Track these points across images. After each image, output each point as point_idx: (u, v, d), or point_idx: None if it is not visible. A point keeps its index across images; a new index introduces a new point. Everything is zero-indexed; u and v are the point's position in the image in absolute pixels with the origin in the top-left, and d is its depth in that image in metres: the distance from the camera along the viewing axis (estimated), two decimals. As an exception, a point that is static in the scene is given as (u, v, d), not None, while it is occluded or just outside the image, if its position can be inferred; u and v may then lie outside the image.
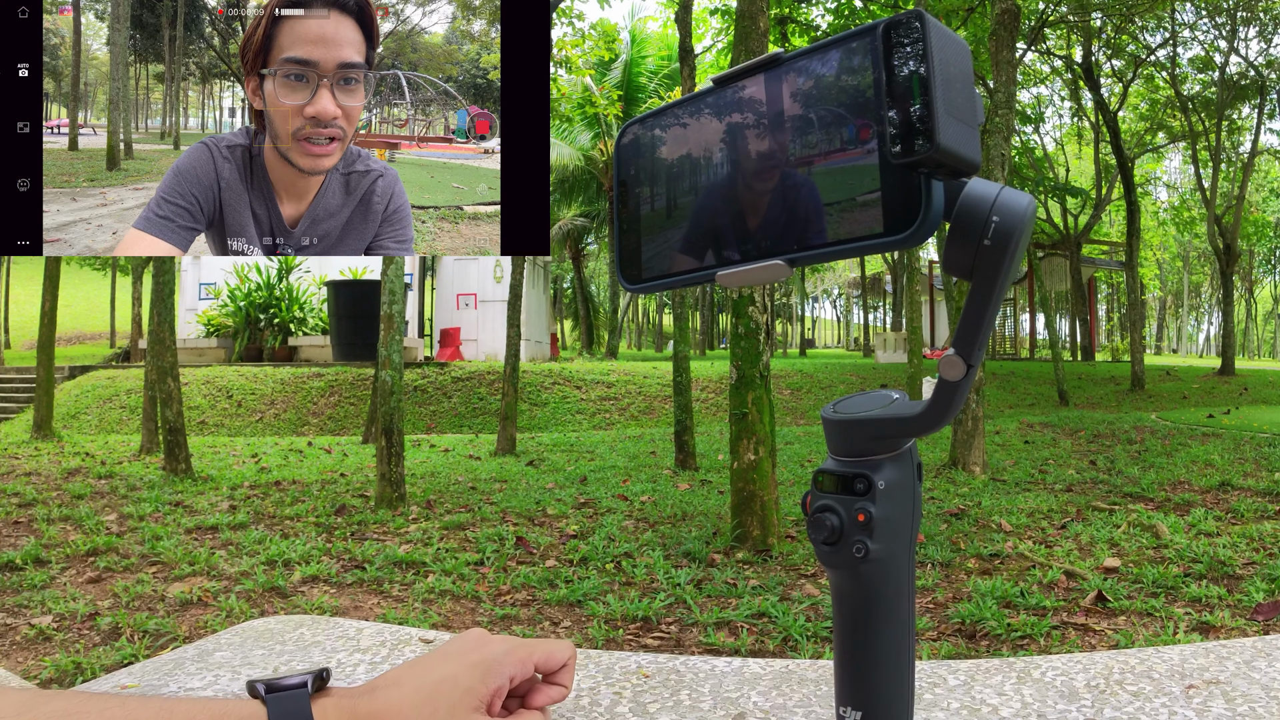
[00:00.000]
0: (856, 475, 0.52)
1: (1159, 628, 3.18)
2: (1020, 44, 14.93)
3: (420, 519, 5.38)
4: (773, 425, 4.74)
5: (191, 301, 17.59)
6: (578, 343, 31.90)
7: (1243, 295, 51.28)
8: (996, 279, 0.45)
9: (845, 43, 0.45)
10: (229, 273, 16.60)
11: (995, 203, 0.45)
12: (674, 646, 3.27)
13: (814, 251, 0.47)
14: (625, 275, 0.57)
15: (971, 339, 0.47)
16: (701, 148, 0.52)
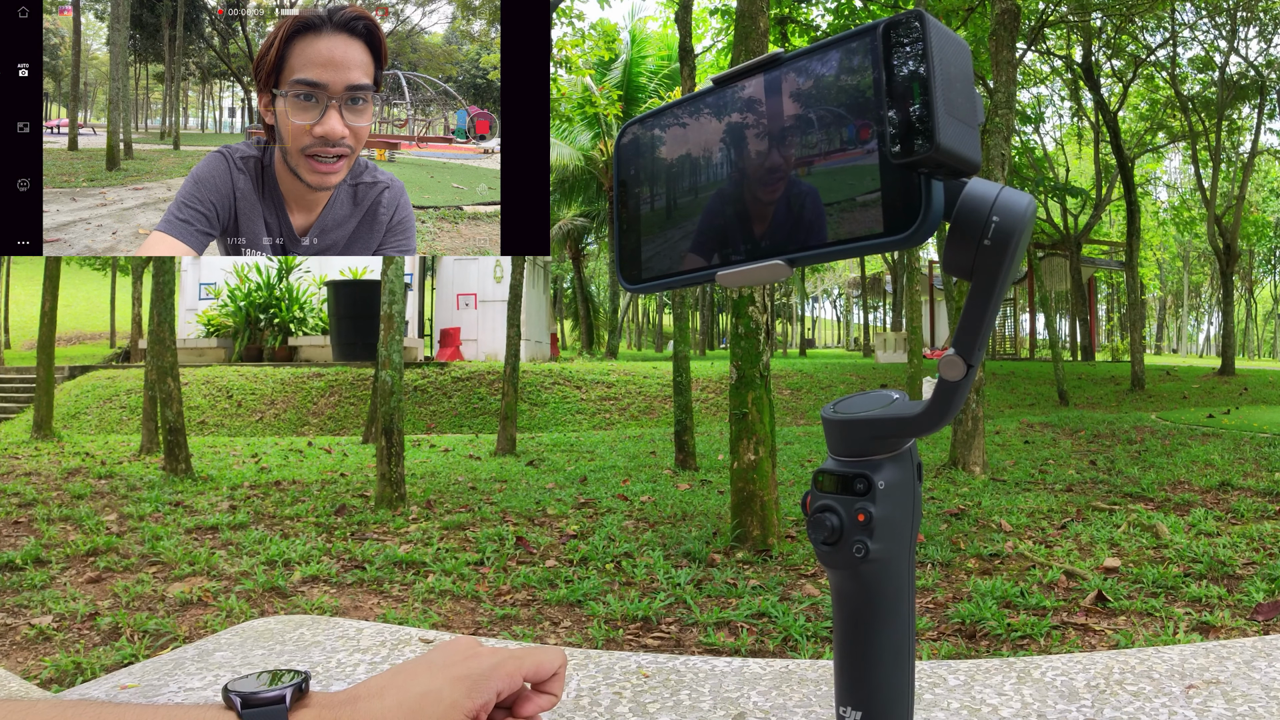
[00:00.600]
0: (856, 475, 0.52)
1: (1159, 628, 3.18)
2: (1020, 44, 14.93)
3: (420, 519, 5.38)
4: (773, 425, 4.74)
5: (191, 301, 17.59)
6: (578, 343, 31.90)
7: (1243, 295, 51.26)
8: (996, 279, 0.45)
9: (845, 43, 0.45)
10: (229, 273, 16.60)
11: (995, 203, 0.45)
12: (674, 646, 3.27)
13: (814, 251, 0.46)
14: (625, 275, 0.57)
15: (971, 339, 0.47)
16: (701, 148, 0.52)
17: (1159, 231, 36.75)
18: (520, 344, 9.51)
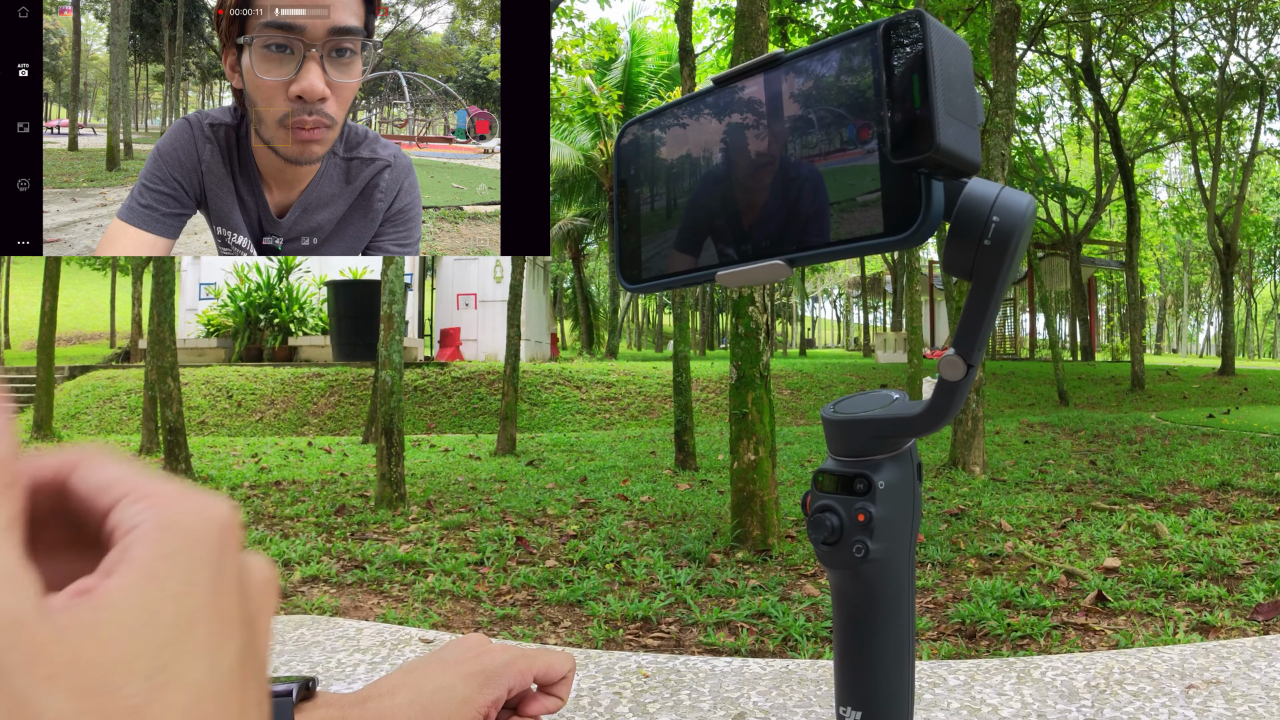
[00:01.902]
0: (856, 475, 0.52)
1: (1159, 628, 3.18)
2: (1020, 44, 14.93)
3: (420, 519, 5.38)
4: (773, 425, 4.74)
5: (191, 301, 17.59)
6: (578, 343, 31.90)
7: (1243, 295, 51.28)
8: (996, 279, 0.45)
9: (845, 43, 0.45)
10: (229, 273, 16.60)
11: (995, 203, 0.45)
12: (674, 646, 3.27)
13: (814, 251, 0.47)
14: (625, 275, 0.57)
15: (971, 339, 0.47)
16: (701, 148, 0.52)
17: (1159, 231, 36.77)
18: (520, 344, 9.51)
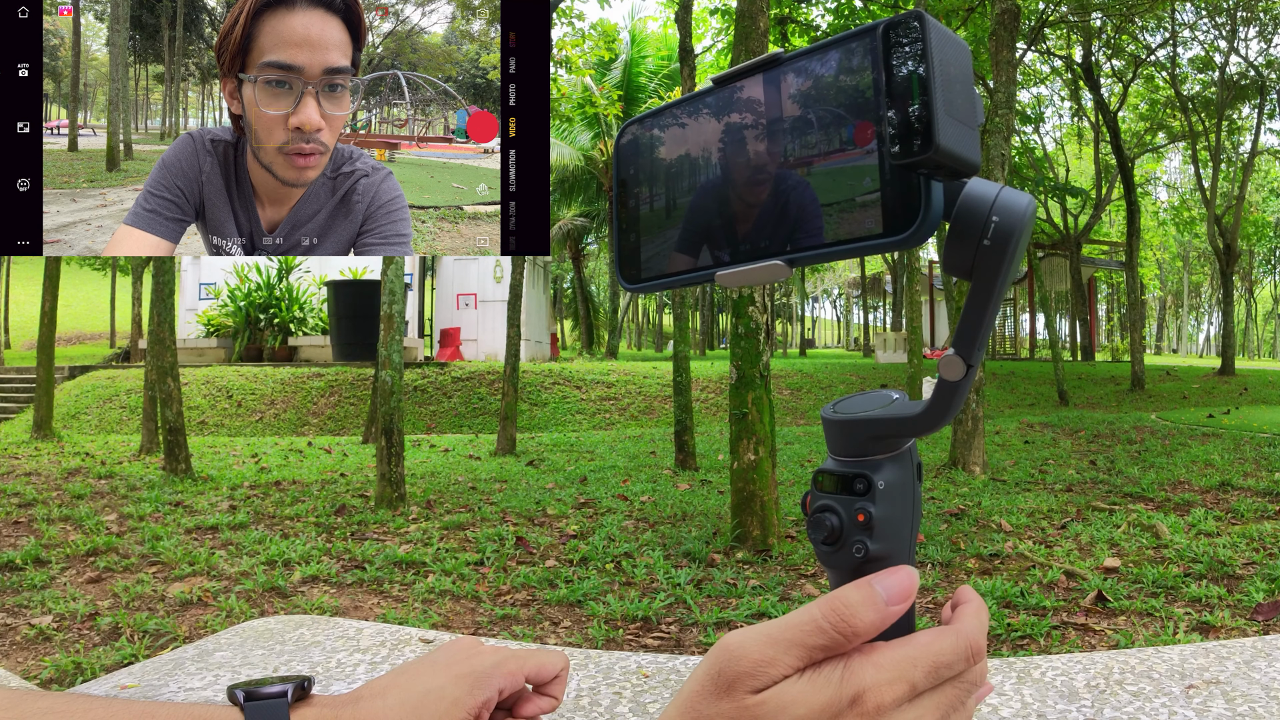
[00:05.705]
0: (856, 475, 0.51)
1: (1159, 628, 3.18)
2: (1020, 44, 14.93)
3: (420, 519, 5.38)
4: (773, 425, 4.74)
5: (191, 301, 17.59)
6: (578, 343, 31.90)
7: (1243, 295, 51.28)
8: (996, 279, 0.45)
9: (845, 43, 0.45)
10: (229, 273, 16.60)
11: (995, 203, 0.45)
12: (674, 646, 3.27)
13: (813, 252, 0.46)
14: (624, 275, 0.57)
15: (971, 339, 0.47)
16: (701, 148, 0.52)
17: (1159, 231, 36.76)
18: (520, 344, 9.51)
